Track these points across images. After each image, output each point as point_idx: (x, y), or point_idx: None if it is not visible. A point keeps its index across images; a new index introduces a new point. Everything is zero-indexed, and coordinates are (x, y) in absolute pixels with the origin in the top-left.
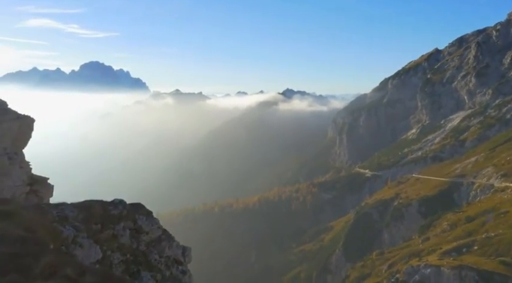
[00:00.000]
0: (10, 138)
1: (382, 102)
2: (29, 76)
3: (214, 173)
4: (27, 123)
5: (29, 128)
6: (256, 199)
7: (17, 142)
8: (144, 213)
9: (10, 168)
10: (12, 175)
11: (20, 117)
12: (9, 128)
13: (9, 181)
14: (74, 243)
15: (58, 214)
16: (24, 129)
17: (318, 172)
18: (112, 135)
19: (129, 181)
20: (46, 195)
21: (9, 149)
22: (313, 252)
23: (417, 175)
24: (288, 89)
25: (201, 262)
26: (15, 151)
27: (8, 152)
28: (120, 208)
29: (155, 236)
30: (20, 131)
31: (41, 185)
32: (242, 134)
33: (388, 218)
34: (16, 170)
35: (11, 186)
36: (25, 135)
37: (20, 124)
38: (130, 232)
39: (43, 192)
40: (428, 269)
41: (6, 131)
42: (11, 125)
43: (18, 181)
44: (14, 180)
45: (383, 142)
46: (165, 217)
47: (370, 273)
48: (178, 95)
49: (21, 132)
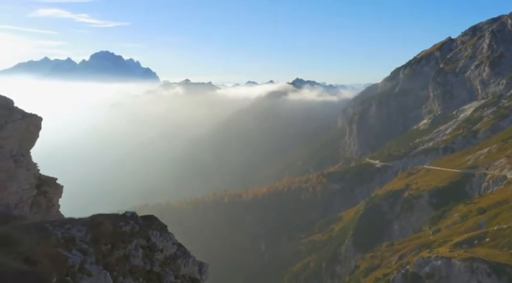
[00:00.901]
0: (16, 139)
1: (393, 92)
2: (40, 66)
3: (224, 163)
4: (34, 122)
5: (36, 128)
6: (266, 189)
7: (24, 143)
8: (158, 228)
9: (16, 171)
10: (19, 178)
11: (27, 117)
12: (16, 129)
13: (15, 186)
14: (80, 272)
15: (64, 235)
16: (32, 129)
17: (328, 163)
18: (122, 125)
19: (139, 171)
20: (55, 196)
21: (15, 151)
22: (322, 243)
23: (428, 166)
24: (298, 78)
25: (210, 252)
26: (21, 153)
27: (15, 154)
28: (131, 223)
29: (170, 253)
30: (27, 131)
31: (49, 186)
32: (252, 123)
33: (398, 209)
34: (23, 173)
35: (17, 191)
36: (32, 135)
37: (27, 124)
38: (143, 251)
39: (52, 193)
40: (439, 261)
41: (12, 132)
42: (17, 126)
43: (25, 184)
44: (20, 183)
45: (394, 132)
46: (175, 207)
47: (379, 264)
48: (188, 84)
49: (28, 132)
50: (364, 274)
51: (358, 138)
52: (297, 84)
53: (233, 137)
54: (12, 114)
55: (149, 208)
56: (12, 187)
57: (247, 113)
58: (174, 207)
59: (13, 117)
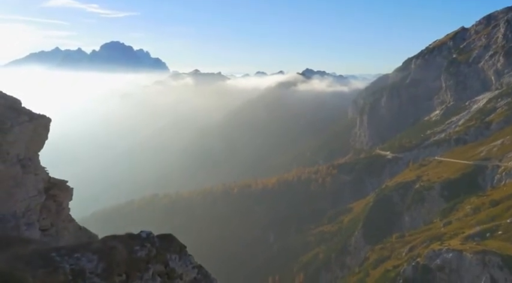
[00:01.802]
0: (23, 142)
1: (404, 83)
2: (52, 56)
3: (233, 153)
4: (42, 124)
5: (44, 129)
6: (275, 180)
7: (32, 145)
8: (176, 250)
9: (23, 177)
10: (26, 185)
11: (35, 118)
12: (23, 132)
13: (23, 193)
14: None
15: (72, 267)
16: (40, 131)
17: (338, 154)
18: (132, 116)
19: (149, 161)
20: (65, 199)
21: (22, 155)
22: (331, 234)
23: (440, 157)
24: (308, 69)
25: (219, 242)
26: (29, 157)
27: (22, 158)
28: (147, 246)
29: (190, 279)
30: (34, 133)
31: (59, 189)
32: (261, 114)
33: (409, 201)
34: (30, 179)
35: (25, 198)
36: (40, 138)
37: (35, 126)
38: (161, 280)
39: (62, 196)
40: (450, 253)
41: (18, 136)
42: (24, 129)
43: (33, 191)
44: (28, 190)
45: (405, 123)
46: (184, 197)
47: (389, 256)
48: (198, 75)
49: (36, 135)
50: (374, 266)
51: (369, 129)
52: (306, 75)
53: (242, 128)
54: (19, 116)
55: (159, 199)
56: (19, 194)
57: (257, 103)
58: (184, 198)
59: (20, 120)
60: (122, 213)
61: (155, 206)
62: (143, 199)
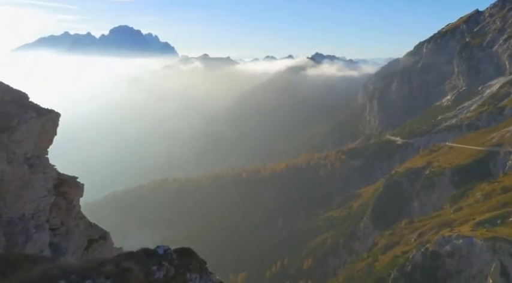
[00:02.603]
0: (31, 140)
1: (416, 67)
2: (61, 40)
3: (242, 138)
4: (51, 119)
5: (53, 125)
6: (284, 165)
7: (40, 142)
8: (196, 268)
9: (31, 177)
10: (35, 185)
11: (42, 114)
12: (30, 130)
13: (31, 194)
14: None
15: None
16: (48, 127)
17: (347, 139)
18: (141, 100)
19: (159, 145)
20: (75, 196)
21: (30, 153)
22: (340, 219)
23: (451, 143)
24: (317, 53)
25: (228, 226)
26: (37, 155)
27: (29, 157)
28: (165, 266)
29: None
30: (43, 130)
31: (69, 186)
32: (271, 99)
33: (419, 187)
34: (39, 179)
35: (33, 199)
36: (49, 134)
37: (43, 122)
38: None
39: (72, 193)
40: (460, 240)
41: (26, 134)
42: (31, 126)
43: (41, 191)
44: (36, 191)
45: (415, 109)
46: (194, 181)
47: (398, 242)
48: (207, 59)
49: (44, 131)
50: (383, 251)
51: (379, 114)
52: (316, 59)
53: (251, 112)
54: (26, 113)
55: (168, 183)
56: (27, 196)
57: (266, 88)
58: (193, 182)
59: (27, 116)
60: (132, 196)
61: (165, 190)
62: (153, 183)
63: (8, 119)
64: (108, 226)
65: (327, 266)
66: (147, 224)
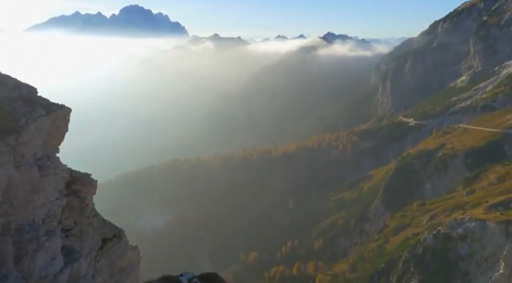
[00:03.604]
0: (41, 139)
1: (430, 47)
2: (72, 20)
3: (253, 119)
4: (61, 116)
5: (64, 121)
6: (295, 146)
7: (50, 141)
8: None
9: (42, 180)
10: (46, 188)
11: (52, 110)
12: (39, 129)
13: (41, 198)
14: None
15: None
16: (59, 124)
17: (359, 120)
18: (151, 81)
19: (169, 126)
20: (88, 193)
21: (40, 154)
22: (351, 200)
23: (465, 125)
24: (329, 32)
25: (239, 207)
26: (47, 154)
27: (39, 158)
28: None
29: None
30: (53, 127)
31: (81, 184)
32: (282, 79)
33: (431, 169)
34: (50, 181)
35: (44, 203)
36: (59, 131)
37: (53, 119)
38: None
39: (85, 191)
40: (472, 223)
41: (34, 134)
42: (40, 125)
43: (53, 194)
44: (47, 194)
45: (429, 90)
46: (205, 162)
47: (409, 224)
48: (217, 39)
49: (54, 129)
50: (393, 233)
51: (392, 95)
52: (328, 39)
53: (262, 93)
54: (34, 110)
55: (180, 163)
56: (37, 200)
57: (277, 68)
58: (204, 163)
59: (35, 114)
60: (144, 177)
61: (176, 171)
62: (164, 164)
63: (15, 119)
64: (120, 207)
65: (337, 247)
66: (158, 204)
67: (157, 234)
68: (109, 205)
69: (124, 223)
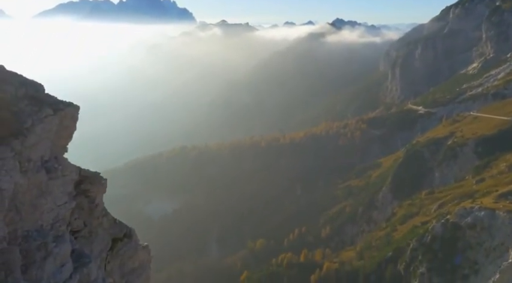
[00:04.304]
0: (48, 140)
1: (441, 33)
2: (80, 7)
3: (261, 106)
4: (69, 114)
5: (72, 120)
6: (303, 134)
7: (58, 142)
8: None
9: (49, 184)
10: (54, 192)
11: (60, 109)
12: (46, 130)
13: (49, 203)
14: None
15: None
16: (67, 123)
17: (367, 108)
18: (159, 67)
19: (177, 113)
20: (98, 193)
21: (47, 155)
22: (359, 188)
23: (475, 113)
24: (338, 18)
25: (247, 194)
26: (55, 156)
27: (47, 160)
28: None
29: None
30: (60, 127)
31: (91, 183)
32: (290, 66)
33: (441, 157)
34: (58, 184)
35: (52, 208)
36: (68, 131)
37: (61, 119)
38: None
39: (94, 191)
40: (482, 212)
41: (42, 135)
42: (47, 125)
43: (61, 198)
44: (55, 198)
45: (440, 77)
46: (213, 149)
47: (418, 212)
48: (225, 26)
49: (62, 128)
50: (401, 222)
51: (401, 82)
52: (337, 25)
53: (271, 80)
54: (40, 110)
55: (187, 151)
56: (45, 204)
57: (285, 55)
58: (212, 150)
59: (42, 115)
60: (151, 164)
61: (184, 158)
62: (172, 151)
63: (21, 120)
64: (128, 193)
65: (345, 235)
66: (167, 191)
67: (166, 220)
68: (118, 192)
69: (132, 209)
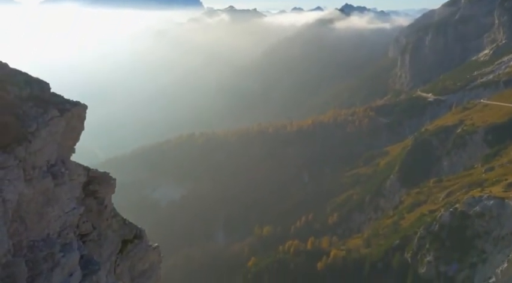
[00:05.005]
0: (54, 143)
1: (452, 19)
2: None
3: (269, 92)
4: (77, 114)
5: (79, 121)
6: (311, 121)
7: (65, 143)
8: None
9: (56, 190)
10: (61, 199)
11: (66, 110)
12: (53, 133)
13: (56, 210)
14: None
15: None
16: (74, 124)
17: (376, 95)
18: (166, 54)
19: (184, 99)
20: (107, 194)
21: (53, 159)
22: (366, 176)
23: (486, 100)
24: (347, 4)
25: (254, 181)
26: (62, 159)
27: (53, 164)
28: None
29: None
30: (67, 128)
31: (99, 183)
32: (298, 53)
33: (450, 145)
34: (65, 190)
35: (59, 215)
36: (75, 132)
37: (67, 120)
38: None
39: (103, 191)
40: (491, 201)
41: (47, 139)
42: (54, 128)
43: (69, 205)
44: (62, 205)
45: (450, 64)
46: (220, 136)
47: (425, 200)
48: (233, 11)
49: (69, 129)
50: (409, 210)
51: (411, 69)
52: (345, 11)
53: (278, 66)
54: (46, 112)
55: (195, 137)
56: (52, 212)
57: (293, 41)
58: (220, 137)
59: (47, 117)
60: (159, 151)
61: (191, 145)
62: (180, 138)
63: (25, 125)
64: (136, 179)
65: (352, 222)
66: (174, 178)
67: (173, 206)
68: (125, 178)
69: (140, 195)
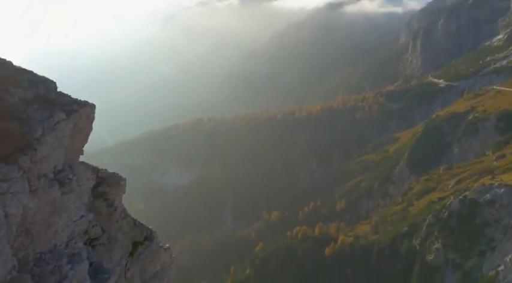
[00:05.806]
0: (61, 148)
1: (466, 4)
2: None
3: (278, 77)
4: (84, 115)
5: (88, 121)
6: (319, 107)
7: (73, 146)
8: None
9: (63, 199)
10: (68, 208)
11: (74, 111)
12: (59, 137)
13: (64, 219)
14: None
15: None
16: (81, 126)
17: (386, 81)
18: (174, 38)
19: (193, 83)
20: (117, 196)
21: (61, 165)
22: (375, 163)
23: (499, 87)
24: None
25: (262, 167)
26: (69, 164)
27: (60, 170)
28: None
29: None
30: (75, 131)
31: (109, 184)
32: (307, 37)
33: (460, 132)
34: (73, 198)
35: (67, 224)
36: (83, 133)
37: (75, 122)
38: None
39: (113, 193)
40: (502, 188)
41: (54, 144)
42: (60, 132)
43: (77, 213)
44: (70, 214)
45: (462, 49)
46: (228, 121)
47: (435, 188)
48: None
49: (77, 131)
50: (418, 197)
51: (422, 54)
52: None
53: (288, 51)
54: (52, 116)
55: (204, 123)
56: (59, 222)
57: (303, 25)
58: (228, 122)
59: (54, 120)
60: (168, 136)
61: (200, 130)
62: (188, 123)
63: (30, 130)
64: (144, 164)
65: (360, 208)
66: (183, 163)
67: (181, 191)
68: (134, 163)
69: (149, 179)
